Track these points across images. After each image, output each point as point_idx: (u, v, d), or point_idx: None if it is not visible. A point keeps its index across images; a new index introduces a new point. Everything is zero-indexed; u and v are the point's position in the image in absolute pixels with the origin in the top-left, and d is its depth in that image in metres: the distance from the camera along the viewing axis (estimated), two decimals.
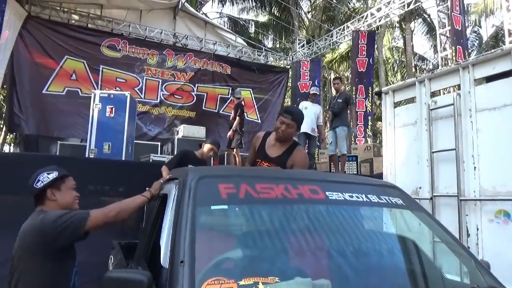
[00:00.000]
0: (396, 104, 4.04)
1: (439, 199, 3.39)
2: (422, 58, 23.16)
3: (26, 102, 9.33)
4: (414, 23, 19.16)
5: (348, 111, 6.78)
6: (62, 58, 9.90)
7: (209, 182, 1.91)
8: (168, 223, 1.76)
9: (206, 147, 4.36)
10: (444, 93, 4.98)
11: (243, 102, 7.93)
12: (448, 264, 2.19)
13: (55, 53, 9.80)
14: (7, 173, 4.59)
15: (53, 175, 2.07)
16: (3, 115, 13.98)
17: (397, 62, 24.38)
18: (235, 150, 7.26)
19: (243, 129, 7.60)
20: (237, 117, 7.47)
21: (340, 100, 6.72)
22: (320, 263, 1.82)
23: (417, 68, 21.47)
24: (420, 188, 3.54)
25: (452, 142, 3.27)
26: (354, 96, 10.05)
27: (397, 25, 20.12)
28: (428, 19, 18.76)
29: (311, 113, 6.78)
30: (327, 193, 2.01)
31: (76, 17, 10.27)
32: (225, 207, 1.85)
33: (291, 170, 2.68)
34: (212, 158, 6.37)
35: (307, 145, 6.76)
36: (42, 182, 2.03)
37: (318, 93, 7.66)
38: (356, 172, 7.33)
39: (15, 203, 4.86)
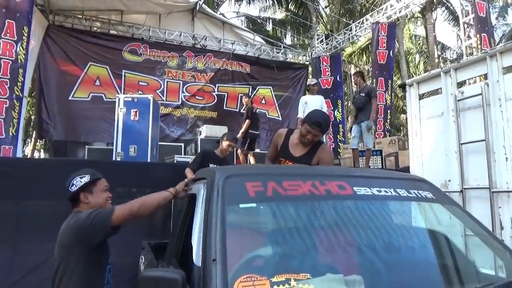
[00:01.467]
0: (421, 96, 3.96)
1: (470, 191, 3.31)
2: (446, 48, 22.56)
3: (53, 109, 9.63)
4: (436, 12, 18.68)
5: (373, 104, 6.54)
6: (86, 65, 10.15)
7: (236, 180, 1.93)
8: (199, 222, 1.79)
9: (225, 143, 4.45)
10: (469, 84, 4.85)
11: (254, 104, 7.89)
12: (483, 258, 2.14)
13: (79, 60, 10.06)
14: (43, 179, 4.77)
15: (85, 179, 2.19)
16: (32, 122, 14.50)
17: (419, 52, 23.84)
18: (239, 150, 7.27)
19: (252, 131, 7.39)
20: (246, 121, 7.37)
21: (363, 94, 6.59)
22: (351, 259, 1.82)
23: (441, 58, 20.93)
24: (449, 181, 3.46)
25: (481, 133, 3.18)
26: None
27: (419, 15, 19.65)
28: (451, 7, 18.25)
29: (314, 106, 6.54)
30: (354, 188, 2.00)
31: (97, 24, 10.51)
32: (254, 205, 1.87)
33: (318, 167, 2.67)
34: (233, 154, 6.50)
35: None
36: (75, 186, 2.16)
37: (317, 82, 7.61)
38: (381, 167, 7.22)
39: (52, 207, 5.07)
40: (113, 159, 6.42)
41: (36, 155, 20.15)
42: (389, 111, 9.99)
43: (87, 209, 2.13)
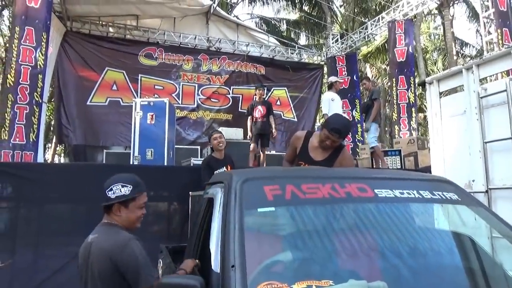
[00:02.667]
0: (442, 94, 3.85)
1: (495, 192, 3.19)
2: (465, 44, 22.08)
3: (72, 114, 9.80)
4: (453, 8, 18.28)
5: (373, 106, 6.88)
6: (103, 70, 10.30)
7: (254, 184, 1.90)
8: (216, 227, 1.76)
9: (213, 141, 4.60)
10: (491, 80, 4.70)
11: (258, 98, 7.44)
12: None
13: (97, 66, 10.21)
14: (64, 184, 4.86)
15: (126, 190, 1.99)
16: (52, 127, 14.79)
17: (437, 50, 23.40)
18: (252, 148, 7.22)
19: (256, 130, 7.22)
20: (248, 118, 7.39)
21: (367, 99, 7.12)
22: (374, 264, 1.76)
23: (460, 54, 20.49)
24: (473, 181, 3.34)
25: (507, 130, 3.06)
26: (395, 88, 9.75)
27: (436, 11, 19.28)
28: (470, 2, 17.86)
29: (339, 105, 6.93)
30: (376, 190, 1.94)
31: (113, 29, 10.66)
32: (272, 209, 1.83)
33: (337, 168, 2.62)
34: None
35: None
36: (114, 193, 1.98)
37: (341, 81, 7.68)
38: (400, 167, 7.08)
39: (72, 211, 5.15)
40: (131, 162, 6.47)
41: (56, 159, 20.61)
42: (413, 109, 9.73)
43: (118, 221, 2.01)
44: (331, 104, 6.62)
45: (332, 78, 7.13)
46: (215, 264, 1.59)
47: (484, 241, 2.13)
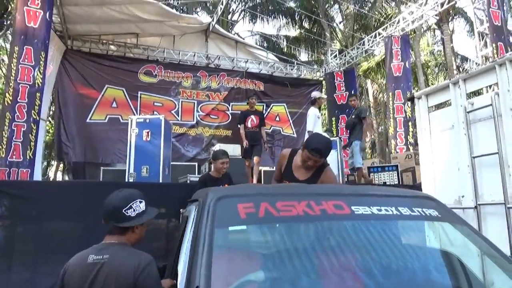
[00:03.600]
0: (431, 109, 3.84)
1: (485, 207, 3.14)
2: (465, 59, 22.14)
3: (72, 131, 9.86)
4: (453, 23, 18.43)
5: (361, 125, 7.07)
6: (103, 88, 10.39)
7: (228, 202, 1.87)
8: (186, 246, 1.74)
9: (219, 163, 4.51)
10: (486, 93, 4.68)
11: (250, 106, 7.31)
12: (494, 279, 1.99)
13: (97, 83, 10.31)
14: (61, 201, 4.85)
15: (143, 205, 1.95)
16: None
17: (438, 65, 23.49)
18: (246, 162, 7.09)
19: (248, 139, 7.02)
20: (240, 126, 7.21)
21: (353, 116, 7.21)
22: (347, 284, 1.72)
23: (460, 69, 20.53)
24: (463, 196, 3.30)
25: (494, 145, 3.03)
26: (392, 102, 9.76)
27: (435, 26, 19.43)
28: (469, 17, 17.97)
29: (320, 121, 7.00)
30: (352, 207, 1.91)
31: (114, 47, 10.80)
32: (244, 227, 1.81)
33: (315, 185, 2.59)
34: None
35: None
36: (134, 210, 1.89)
37: (324, 96, 7.76)
38: (397, 182, 7.01)
39: (69, 229, 5.13)
40: (126, 180, 6.46)
41: (59, 176, 20.69)
42: (410, 123, 9.71)
43: (131, 240, 1.93)
44: (317, 121, 6.61)
45: (316, 94, 7.12)
46: (181, 284, 1.56)
47: (464, 258, 2.08)
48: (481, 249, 2.02)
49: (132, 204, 1.90)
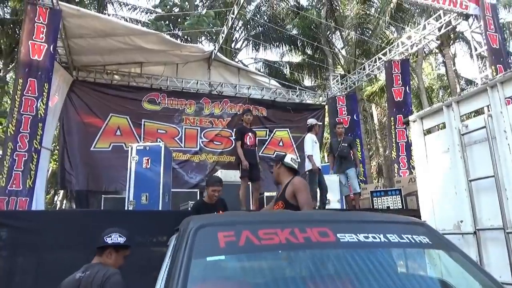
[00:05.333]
0: (427, 132, 3.79)
1: (484, 232, 3.03)
2: (470, 81, 22.16)
3: (76, 159, 9.93)
4: (454, 47, 18.58)
5: (352, 154, 7.41)
6: (107, 116, 10.52)
7: (208, 231, 1.82)
8: (161, 277, 1.69)
9: (209, 190, 4.45)
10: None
11: (245, 123, 6.86)
12: None
13: (101, 112, 10.45)
14: (61, 231, 4.84)
15: (121, 240, 2.62)
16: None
17: (443, 87, 23.54)
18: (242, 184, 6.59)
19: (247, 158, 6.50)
20: (237, 143, 6.66)
21: (346, 144, 7.37)
22: None
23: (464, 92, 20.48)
24: (461, 221, 3.20)
25: (490, 168, 2.96)
26: (393, 127, 9.74)
27: (437, 50, 19.59)
28: (470, 40, 18.11)
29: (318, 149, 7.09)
30: (338, 235, 1.84)
31: (118, 77, 11.01)
32: (222, 257, 1.75)
33: (301, 212, 2.53)
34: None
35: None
36: (111, 240, 2.58)
37: (320, 123, 7.88)
38: (401, 207, 6.87)
39: (70, 259, 5.07)
40: (126, 207, 6.43)
41: (65, 204, 20.71)
42: (411, 147, 9.67)
43: (108, 264, 2.56)
44: (315, 146, 6.60)
45: (312, 121, 7.14)
46: None
47: (458, 287, 1.98)
48: (475, 278, 1.93)
49: (112, 235, 2.59)
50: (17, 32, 13.21)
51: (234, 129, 7.68)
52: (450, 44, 16.85)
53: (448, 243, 2.11)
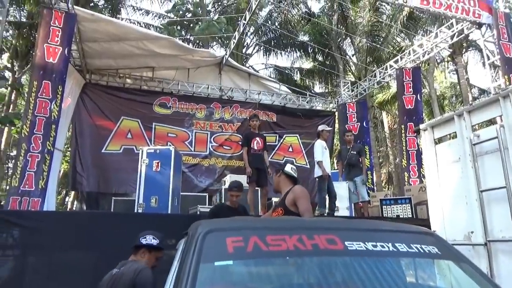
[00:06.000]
0: (437, 141, 3.76)
1: (496, 244, 2.99)
2: (483, 91, 21.93)
3: (87, 161, 10.05)
4: (467, 55, 18.41)
5: (360, 161, 7.41)
6: (119, 119, 10.65)
7: (216, 236, 1.83)
8: (170, 282, 1.70)
9: (228, 194, 4.46)
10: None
11: (252, 128, 6.84)
12: None
13: (113, 115, 10.58)
14: (72, 231, 4.90)
15: (155, 242, 2.86)
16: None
17: (455, 96, 23.32)
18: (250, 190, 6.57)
19: (254, 163, 6.50)
20: (244, 149, 6.65)
21: (355, 152, 7.38)
22: None
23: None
24: (472, 232, 3.16)
25: (502, 179, 2.93)
26: (404, 135, 9.68)
27: (449, 59, 19.44)
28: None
29: (328, 155, 7.03)
30: (346, 243, 1.84)
31: (130, 81, 11.15)
32: (230, 262, 1.76)
33: (309, 219, 2.53)
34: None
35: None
36: (145, 240, 2.83)
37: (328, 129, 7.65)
38: (410, 216, 6.80)
39: (80, 259, 5.14)
40: (135, 210, 6.49)
41: (76, 205, 20.92)
42: (422, 156, 9.59)
43: (141, 261, 2.78)
44: (324, 152, 6.57)
45: (320, 127, 7.10)
46: None
47: None
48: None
49: (147, 236, 2.85)
50: (33, 35, 13.48)
51: (242, 134, 7.69)
52: (463, 52, 16.71)
53: (458, 254, 2.09)
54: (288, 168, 3.47)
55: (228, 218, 2.21)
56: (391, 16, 16.24)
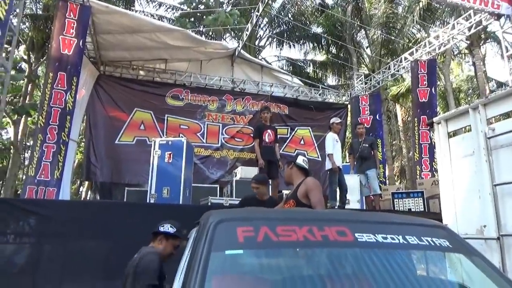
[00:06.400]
0: (452, 134, 3.72)
1: (509, 238, 2.96)
2: (501, 84, 21.46)
3: (101, 152, 10.20)
4: (485, 47, 18.01)
5: (373, 154, 7.40)
6: (132, 111, 10.74)
7: (227, 225, 1.85)
8: (181, 269, 1.74)
9: (252, 185, 4.46)
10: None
11: (264, 120, 6.82)
12: None
13: (126, 107, 10.68)
14: (86, 220, 5.00)
15: (171, 230, 2.97)
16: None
17: (472, 89, 22.87)
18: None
19: (266, 155, 6.51)
20: (255, 141, 6.65)
21: (366, 145, 7.37)
22: None
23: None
24: (484, 226, 3.13)
25: None
26: (417, 128, 9.56)
27: (466, 51, 19.04)
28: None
29: (340, 148, 7.08)
30: (356, 234, 1.84)
31: (143, 72, 11.23)
32: (240, 251, 1.78)
33: (319, 210, 2.54)
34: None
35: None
36: (163, 228, 2.95)
37: (341, 122, 7.94)
38: (423, 209, 6.76)
39: (94, 248, 5.25)
40: (148, 200, 6.57)
41: (90, 195, 21.32)
42: (435, 149, 9.45)
43: (158, 248, 2.89)
44: (336, 144, 6.55)
45: (332, 120, 7.13)
46: None
47: None
48: (496, 283, 1.89)
49: (165, 224, 2.97)
50: (48, 27, 13.64)
51: (254, 127, 7.71)
52: (481, 44, 16.35)
53: (469, 247, 2.07)
54: (300, 160, 3.48)
55: (239, 209, 2.25)
56: (407, 8, 15.96)
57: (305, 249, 1.81)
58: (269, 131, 6.71)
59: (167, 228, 2.95)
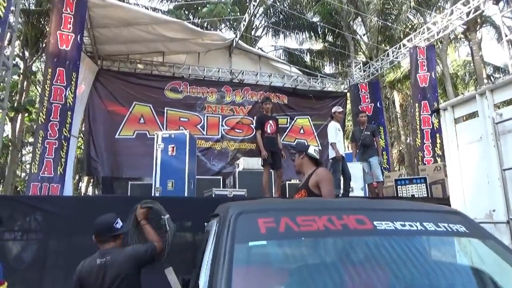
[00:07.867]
0: (458, 120, 3.74)
1: None
2: (497, 68, 21.48)
3: (101, 147, 10.18)
4: (481, 32, 17.98)
5: (375, 142, 7.45)
6: (131, 104, 10.71)
7: (248, 217, 1.87)
8: (206, 261, 1.76)
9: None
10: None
11: (265, 111, 6.95)
12: None
13: (125, 101, 10.64)
14: (90, 216, 4.98)
15: (120, 222, 2.87)
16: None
17: (469, 74, 22.88)
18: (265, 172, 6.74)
19: (268, 146, 6.63)
20: (257, 132, 6.81)
21: (368, 133, 7.40)
22: None
23: (492, 78, 19.91)
24: (494, 211, 3.17)
25: None
26: (418, 113, 9.59)
27: (462, 36, 19.01)
28: (499, 25, 17.48)
29: (342, 136, 7.14)
30: (375, 222, 1.87)
31: (141, 66, 11.16)
32: (264, 242, 1.81)
33: (336, 199, 2.57)
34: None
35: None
36: (118, 224, 2.83)
37: (343, 110, 8.00)
38: (426, 195, 6.82)
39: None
40: (152, 194, 6.58)
41: (90, 191, 21.34)
42: (437, 134, 9.41)
43: (119, 246, 2.80)
44: (338, 133, 6.58)
45: (333, 108, 7.10)
46: None
47: (495, 275, 1.99)
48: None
49: (117, 220, 2.84)
50: (42, 22, 13.48)
51: (255, 118, 7.74)
52: (477, 29, 16.32)
53: (485, 232, 2.10)
54: (311, 150, 3.50)
55: (255, 200, 2.25)
56: None
57: (326, 238, 1.83)
58: (270, 121, 6.78)
59: (120, 224, 2.84)
